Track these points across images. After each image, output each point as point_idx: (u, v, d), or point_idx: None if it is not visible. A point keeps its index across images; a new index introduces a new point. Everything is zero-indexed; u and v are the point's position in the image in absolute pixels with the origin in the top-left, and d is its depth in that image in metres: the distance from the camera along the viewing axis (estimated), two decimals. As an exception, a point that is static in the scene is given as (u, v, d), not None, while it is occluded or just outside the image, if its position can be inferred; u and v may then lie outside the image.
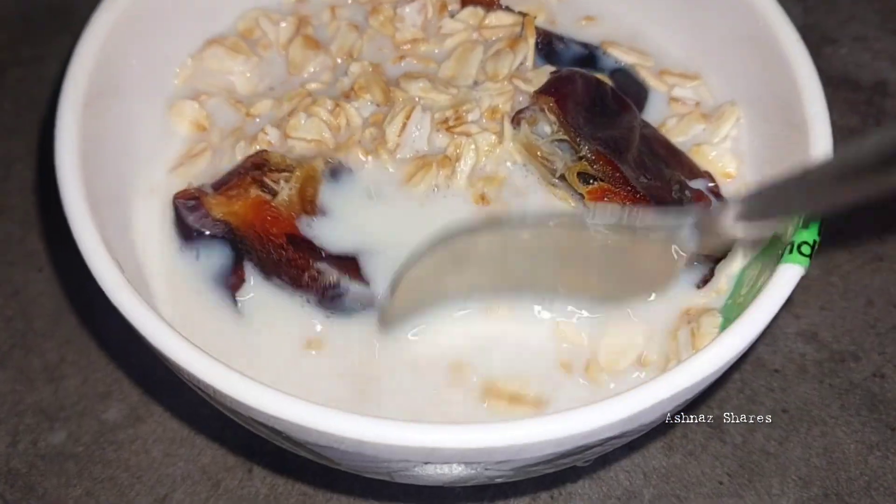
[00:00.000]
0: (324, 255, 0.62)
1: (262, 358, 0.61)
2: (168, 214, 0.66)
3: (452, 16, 0.74)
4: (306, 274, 0.61)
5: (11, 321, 0.76)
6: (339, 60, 0.73)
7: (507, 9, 0.74)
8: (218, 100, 0.71)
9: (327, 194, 0.64)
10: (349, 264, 0.62)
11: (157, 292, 0.64)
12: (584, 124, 0.64)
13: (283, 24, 0.74)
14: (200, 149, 0.69)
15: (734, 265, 0.64)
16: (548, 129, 0.65)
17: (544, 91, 0.65)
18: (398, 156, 0.66)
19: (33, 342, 0.75)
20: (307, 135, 0.66)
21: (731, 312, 0.61)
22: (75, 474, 0.69)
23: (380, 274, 0.62)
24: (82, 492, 0.68)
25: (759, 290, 0.55)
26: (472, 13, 0.74)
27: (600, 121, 0.64)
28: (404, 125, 0.66)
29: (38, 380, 0.73)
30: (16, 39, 0.93)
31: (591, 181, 0.63)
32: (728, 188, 0.68)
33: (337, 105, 0.67)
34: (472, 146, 0.65)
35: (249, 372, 0.52)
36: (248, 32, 0.75)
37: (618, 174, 0.62)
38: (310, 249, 0.62)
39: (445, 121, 0.67)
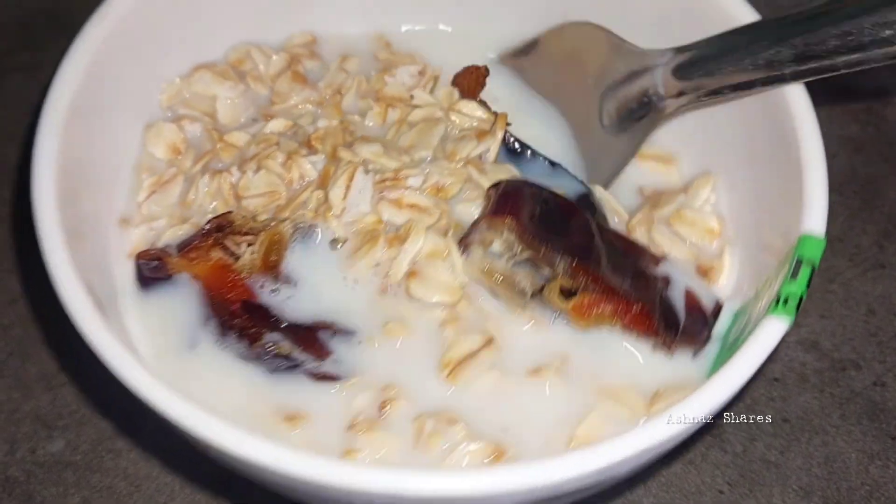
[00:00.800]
0: (281, 325, 0.60)
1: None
2: (139, 244, 0.65)
3: (432, 91, 0.72)
4: (257, 345, 0.59)
5: (9, 329, 0.75)
6: (326, 97, 0.72)
7: (485, 104, 0.71)
8: (197, 126, 0.70)
9: (293, 261, 0.62)
10: (306, 336, 0.60)
11: (130, 325, 0.63)
12: (546, 236, 0.60)
13: (275, 58, 0.73)
14: (171, 175, 0.68)
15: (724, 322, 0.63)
16: (498, 247, 0.61)
17: (498, 212, 0.60)
18: (345, 220, 0.63)
19: (31, 350, 0.74)
20: (259, 189, 0.65)
21: (717, 363, 0.60)
22: (73, 483, 0.69)
23: (340, 347, 0.60)
24: (80, 500, 0.68)
25: (740, 345, 0.53)
26: (448, 93, 0.71)
27: (555, 228, 0.61)
28: (347, 187, 0.63)
29: (35, 388, 0.73)
30: (14, 45, 0.92)
31: (570, 295, 0.60)
32: (712, 249, 0.67)
33: (289, 158, 0.66)
34: (421, 236, 0.61)
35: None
36: (238, 63, 0.74)
37: (601, 284, 0.59)
38: (265, 318, 0.60)
39: (384, 181, 0.63)
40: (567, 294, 0.60)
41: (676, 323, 0.61)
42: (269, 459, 0.48)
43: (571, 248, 0.60)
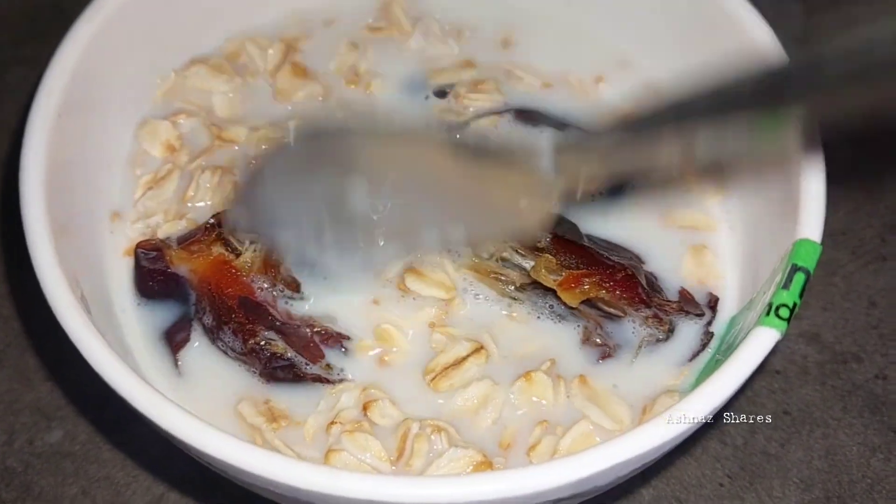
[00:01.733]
0: (277, 324, 0.60)
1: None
2: (135, 240, 0.65)
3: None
4: (252, 340, 0.59)
5: (8, 320, 0.76)
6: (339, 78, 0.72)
7: None
8: (194, 121, 0.70)
9: (293, 263, 0.62)
10: (301, 337, 0.60)
11: (125, 321, 0.63)
12: None
13: (271, 52, 0.73)
14: (167, 171, 0.67)
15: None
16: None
17: None
18: None
19: (30, 340, 0.75)
20: None
21: (709, 370, 0.59)
22: (72, 473, 0.69)
23: (332, 350, 0.60)
24: (78, 490, 0.68)
25: (728, 356, 0.53)
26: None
27: None
28: None
29: (34, 378, 0.73)
30: (18, 38, 0.93)
31: (558, 276, 0.60)
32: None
33: None
34: None
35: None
36: (234, 56, 0.74)
37: (585, 254, 0.60)
38: (262, 316, 0.60)
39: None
40: (553, 273, 0.60)
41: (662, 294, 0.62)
42: (246, 463, 0.48)
43: (553, 231, 0.61)
